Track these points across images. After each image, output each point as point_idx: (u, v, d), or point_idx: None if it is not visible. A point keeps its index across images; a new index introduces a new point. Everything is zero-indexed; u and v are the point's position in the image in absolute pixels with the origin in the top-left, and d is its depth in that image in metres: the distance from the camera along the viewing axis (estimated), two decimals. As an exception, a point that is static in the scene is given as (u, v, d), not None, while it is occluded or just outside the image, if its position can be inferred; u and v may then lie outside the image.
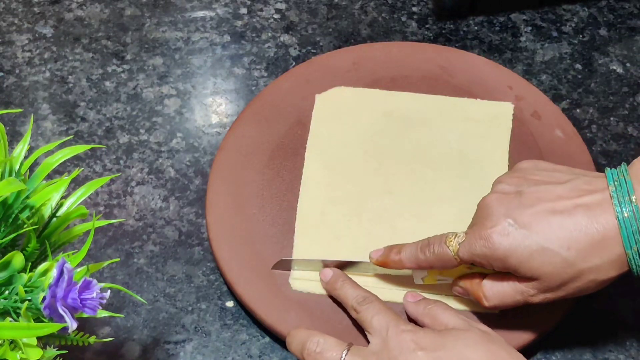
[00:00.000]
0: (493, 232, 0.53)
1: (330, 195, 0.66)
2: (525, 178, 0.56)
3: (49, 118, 0.73)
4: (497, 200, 0.55)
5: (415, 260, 0.58)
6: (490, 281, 0.56)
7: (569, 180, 0.55)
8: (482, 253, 0.54)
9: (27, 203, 0.46)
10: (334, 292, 0.61)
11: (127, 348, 0.61)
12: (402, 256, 0.59)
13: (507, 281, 0.55)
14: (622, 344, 0.61)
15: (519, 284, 0.54)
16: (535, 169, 0.57)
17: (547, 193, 0.54)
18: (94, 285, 0.42)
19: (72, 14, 0.81)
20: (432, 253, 0.57)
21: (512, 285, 0.55)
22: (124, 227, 0.67)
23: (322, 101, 0.72)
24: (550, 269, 0.52)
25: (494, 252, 0.53)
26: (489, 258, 0.54)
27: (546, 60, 0.77)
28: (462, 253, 0.55)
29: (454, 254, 0.55)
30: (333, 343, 0.55)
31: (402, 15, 0.81)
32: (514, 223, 0.53)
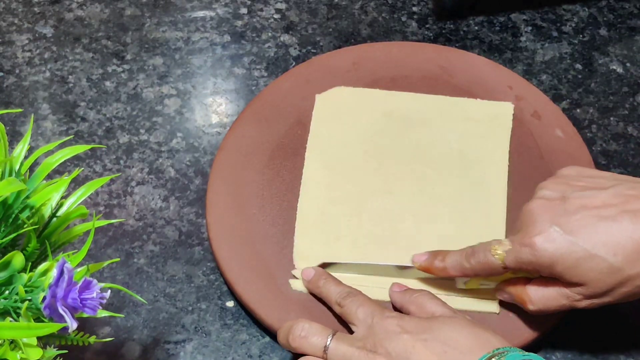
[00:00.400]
0: (539, 240, 0.53)
1: (330, 195, 0.66)
2: (568, 184, 0.56)
3: (49, 118, 0.73)
4: (541, 207, 0.55)
5: (460, 268, 0.58)
6: (536, 286, 0.56)
7: (613, 186, 0.55)
8: (529, 260, 0.54)
9: (27, 203, 0.46)
10: (317, 290, 0.61)
11: (127, 348, 0.61)
12: (446, 264, 0.59)
13: (553, 286, 0.55)
14: (622, 344, 0.61)
15: (565, 289, 0.55)
16: (579, 175, 0.57)
17: (592, 199, 0.54)
18: (94, 285, 0.42)
19: (72, 14, 0.81)
20: (478, 262, 0.57)
21: (558, 290, 0.55)
22: (124, 227, 0.67)
23: (322, 101, 0.72)
24: (597, 275, 0.52)
25: (540, 259, 0.53)
26: (535, 265, 0.54)
27: (546, 60, 0.77)
28: (508, 261, 0.55)
29: (501, 262, 0.55)
30: (318, 328, 0.56)
31: (402, 15, 0.81)
32: (559, 230, 0.53)
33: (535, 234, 0.54)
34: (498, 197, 0.66)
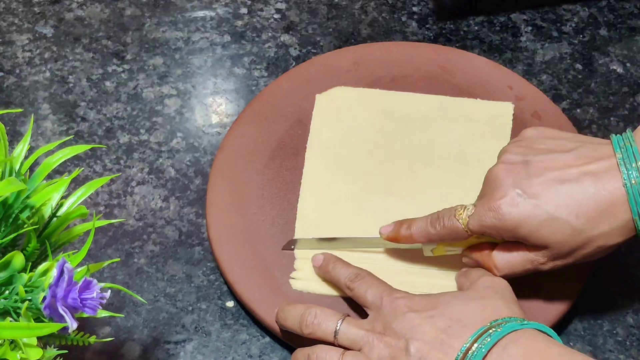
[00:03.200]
0: (502, 203, 0.54)
1: (331, 195, 0.66)
2: (531, 147, 0.57)
3: (49, 118, 0.73)
4: (504, 171, 0.55)
5: (426, 234, 0.58)
6: (501, 252, 0.57)
7: (575, 147, 0.55)
8: (492, 224, 0.54)
9: (28, 203, 0.46)
10: (327, 275, 0.61)
11: (127, 348, 0.61)
12: (412, 230, 0.59)
13: (517, 251, 0.56)
14: (622, 344, 0.61)
15: (529, 253, 0.55)
16: (541, 137, 0.58)
17: (554, 162, 0.54)
18: (94, 285, 0.42)
19: (72, 14, 0.81)
20: (442, 226, 0.57)
21: (522, 255, 0.56)
22: (124, 227, 0.67)
23: (322, 101, 0.72)
24: (560, 237, 0.53)
25: (504, 223, 0.54)
26: (499, 229, 0.55)
27: (546, 60, 0.77)
28: (472, 225, 0.55)
29: (464, 227, 0.56)
30: (330, 314, 0.56)
31: (402, 15, 0.81)
32: (522, 193, 0.54)
33: (499, 198, 0.54)
34: (498, 197, 0.66)
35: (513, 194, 0.54)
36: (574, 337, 0.62)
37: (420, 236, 0.59)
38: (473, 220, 0.55)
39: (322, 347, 0.55)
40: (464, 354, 0.50)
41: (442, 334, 0.51)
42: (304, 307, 0.57)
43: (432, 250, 0.60)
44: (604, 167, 0.53)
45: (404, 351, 0.52)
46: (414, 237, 0.59)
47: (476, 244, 0.59)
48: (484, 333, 0.50)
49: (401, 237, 0.60)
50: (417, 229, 0.59)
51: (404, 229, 0.60)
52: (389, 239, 0.60)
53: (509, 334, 0.50)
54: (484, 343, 0.50)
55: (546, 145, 0.57)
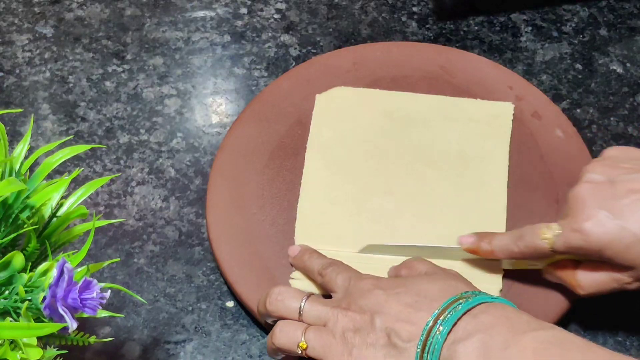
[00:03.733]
0: (588, 225, 0.53)
1: (330, 195, 0.66)
2: (616, 167, 0.56)
3: (49, 118, 0.73)
4: (589, 191, 0.55)
5: (508, 251, 0.58)
6: (585, 271, 0.56)
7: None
8: (579, 246, 0.54)
9: (27, 203, 0.46)
10: (302, 264, 0.61)
11: (127, 348, 0.61)
12: (493, 246, 0.59)
13: (602, 271, 0.55)
14: (622, 344, 0.61)
15: (614, 274, 0.55)
16: (625, 157, 0.57)
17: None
18: (94, 285, 0.42)
19: (72, 14, 0.81)
20: (526, 246, 0.57)
21: (608, 275, 0.55)
22: (124, 227, 0.67)
23: (322, 101, 0.72)
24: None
25: (590, 245, 0.54)
26: (585, 250, 0.54)
27: (546, 60, 0.77)
28: (557, 246, 0.55)
29: (550, 247, 0.56)
30: (294, 291, 0.57)
31: (402, 15, 0.81)
32: (609, 214, 0.53)
33: (585, 219, 0.54)
34: (498, 197, 0.66)
35: (599, 216, 0.53)
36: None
37: (502, 253, 0.59)
38: (558, 241, 0.55)
39: (286, 322, 0.56)
40: (435, 320, 0.50)
41: (409, 308, 0.52)
42: (273, 288, 0.58)
43: (512, 264, 0.60)
44: None
45: (369, 324, 0.53)
46: (494, 253, 0.59)
47: (559, 260, 0.58)
48: (454, 302, 0.51)
49: (482, 251, 0.60)
50: (498, 245, 0.59)
51: (485, 244, 0.59)
52: (469, 251, 0.60)
53: (479, 305, 0.51)
54: (455, 310, 0.50)
55: (631, 165, 0.56)
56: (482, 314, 0.50)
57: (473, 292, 0.52)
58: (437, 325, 0.50)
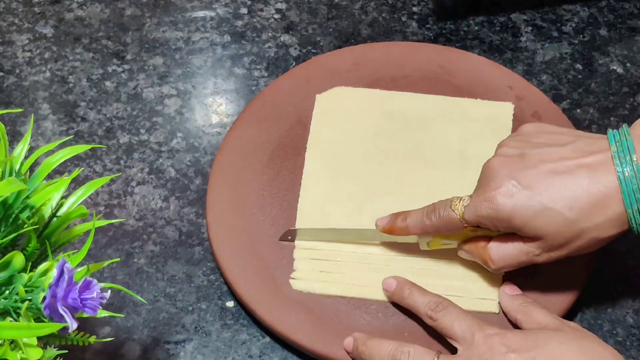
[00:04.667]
0: (497, 194, 0.55)
1: (331, 195, 0.66)
2: (528, 141, 0.57)
3: (49, 118, 0.73)
4: (500, 163, 0.56)
5: (422, 225, 0.59)
6: (496, 243, 0.57)
7: (572, 141, 0.56)
8: (487, 215, 0.55)
9: (28, 203, 0.46)
10: (403, 301, 0.60)
11: (127, 348, 0.61)
12: (408, 222, 0.60)
13: (512, 242, 0.56)
14: (622, 344, 0.61)
15: (523, 245, 0.56)
16: (539, 132, 0.58)
17: (550, 154, 0.55)
18: (94, 285, 0.42)
19: (72, 14, 0.81)
20: (438, 217, 0.58)
21: (517, 246, 0.56)
22: (124, 227, 0.67)
23: (322, 101, 0.72)
24: (554, 228, 0.53)
25: (499, 213, 0.54)
26: (494, 219, 0.55)
27: (546, 60, 0.77)
28: (467, 216, 0.56)
29: (460, 217, 0.56)
30: (422, 352, 0.55)
31: (402, 15, 0.81)
32: (517, 184, 0.54)
33: (494, 189, 0.55)
34: (498, 197, 0.66)
35: (508, 185, 0.54)
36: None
37: (416, 227, 0.59)
38: (469, 211, 0.56)
39: None
40: None
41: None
42: (396, 345, 0.56)
43: (428, 243, 0.61)
44: (599, 160, 0.53)
45: None
46: (409, 229, 0.60)
47: (472, 237, 0.59)
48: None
49: (397, 228, 0.60)
50: (412, 220, 0.60)
51: (400, 221, 0.60)
52: (385, 231, 0.61)
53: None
54: None
55: (543, 140, 0.57)
56: None
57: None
58: None
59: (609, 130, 0.55)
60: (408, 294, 0.59)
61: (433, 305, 0.57)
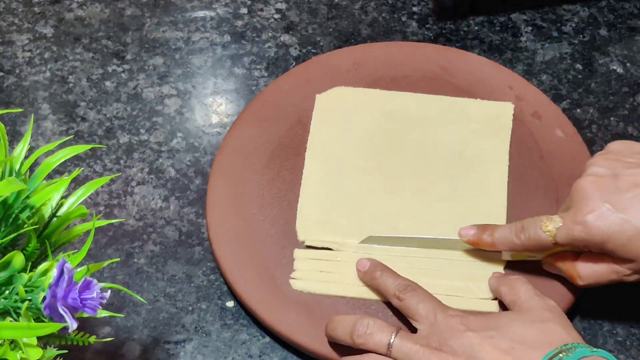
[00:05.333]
0: (591, 218, 0.54)
1: (331, 195, 0.66)
2: (619, 160, 0.56)
3: (49, 118, 0.73)
4: (592, 184, 0.55)
5: (509, 244, 0.58)
6: (585, 262, 0.57)
7: None
8: (581, 238, 0.54)
9: (28, 203, 0.46)
10: (373, 281, 0.60)
11: (127, 348, 0.61)
12: (495, 239, 0.59)
13: (603, 262, 0.56)
14: (622, 344, 0.61)
15: (615, 265, 0.55)
16: (629, 151, 0.58)
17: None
18: (94, 285, 0.42)
19: (72, 14, 0.81)
20: (528, 238, 0.57)
21: (608, 266, 0.56)
22: (124, 227, 0.67)
23: (322, 101, 0.72)
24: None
25: (592, 237, 0.54)
26: (587, 242, 0.55)
27: (546, 60, 0.77)
28: (559, 238, 0.55)
29: (552, 239, 0.56)
30: (382, 325, 0.55)
31: (402, 15, 0.81)
32: (611, 207, 0.54)
33: (588, 212, 0.54)
34: (498, 197, 0.66)
35: (602, 209, 0.54)
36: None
37: (504, 245, 0.59)
38: (561, 234, 0.55)
39: (374, 357, 0.55)
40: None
41: (506, 356, 0.51)
42: (356, 318, 0.56)
43: (512, 254, 0.61)
44: None
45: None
46: (496, 245, 0.59)
47: (559, 252, 0.58)
48: (554, 356, 0.50)
49: (483, 243, 0.60)
50: (500, 237, 0.59)
51: (487, 236, 0.60)
52: (470, 243, 0.61)
53: None
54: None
55: (635, 160, 0.56)
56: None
57: (573, 344, 0.51)
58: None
59: None
60: (379, 275, 0.60)
61: (402, 287, 0.58)
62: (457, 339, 0.52)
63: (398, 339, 0.54)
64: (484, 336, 0.52)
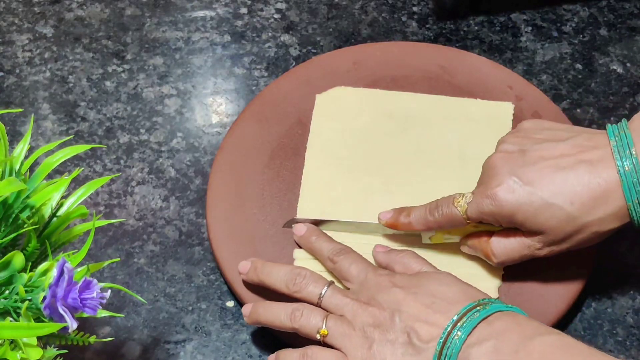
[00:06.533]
0: (499, 190, 0.56)
1: (331, 195, 0.66)
2: (528, 137, 0.58)
3: (49, 118, 0.73)
4: (501, 160, 0.57)
5: (424, 222, 0.60)
6: (498, 238, 0.58)
7: (571, 137, 0.57)
8: (490, 211, 0.56)
9: (28, 203, 0.46)
10: (309, 245, 0.62)
11: (127, 348, 0.61)
12: (411, 218, 0.61)
13: (514, 237, 0.57)
14: (622, 344, 0.61)
15: (525, 239, 0.57)
16: (538, 128, 0.59)
17: (550, 150, 0.56)
18: (94, 285, 0.42)
19: (72, 14, 0.81)
20: (441, 214, 0.59)
21: (519, 241, 0.57)
22: (124, 227, 0.67)
23: (322, 101, 0.72)
24: (555, 223, 0.54)
25: (501, 210, 0.56)
26: (497, 215, 0.56)
27: (546, 60, 0.77)
28: (470, 212, 0.57)
29: (463, 214, 0.57)
30: (317, 277, 0.58)
31: (402, 15, 0.81)
32: (518, 181, 0.55)
33: (496, 186, 0.56)
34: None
35: (510, 182, 0.55)
36: (574, 337, 0.61)
37: (419, 224, 0.60)
38: (471, 208, 0.57)
39: (308, 305, 0.57)
40: (454, 324, 0.51)
41: (428, 309, 0.53)
42: (291, 267, 0.59)
43: (431, 238, 0.62)
44: (598, 155, 0.54)
45: (389, 321, 0.54)
46: (412, 225, 0.61)
47: (474, 232, 0.60)
48: (473, 308, 0.52)
49: (400, 224, 0.61)
50: (416, 217, 0.60)
51: (403, 217, 0.61)
52: (388, 226, 0.62)
53: (495, 313, 0.52)
54: (473, 317, 0.51)
55: (543, 136, 0.58)
56: (496, 320, 0.51)
57: (489, 299, 0.53)
58: (455, 330, 0.51)
59: (607, 126, 0.56)
60: (314, 239, 0.62)
61: (336, 251, 0.60)
62: (384, 294, 0.55)
63: (330, 290, 0.57)
64: (408, 292, 0.55)
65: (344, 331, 0.55)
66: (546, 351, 0.49)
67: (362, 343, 0.54)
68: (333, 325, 0.55)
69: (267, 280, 0.59)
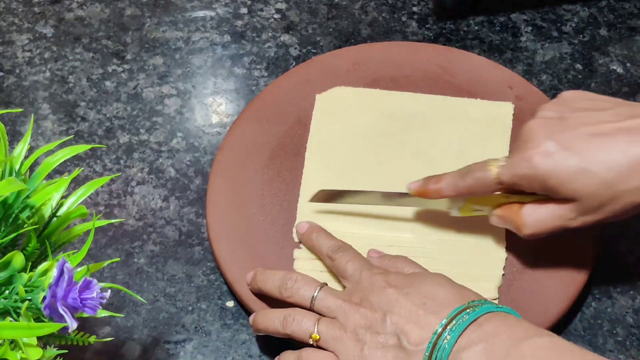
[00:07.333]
0: (535, 153, 0.54)
1: (331, 195, 0.66)
2: (569, 106, 0.57)
3: (49, 118, 0.73)
4: (539, 125, 0.56)
5: (455, 187, 0.59)
6: (530, 207, 0.57)
7: (612, 107, 0.56)
8: (524, 174, 0.55)
9: (28, 203, 0.46)
10: (309, 242, 0.62)
11: (127, 348, 0.61)
12: (441, 184, 0.59)
13: (547, 206, 0.56)
14: (622, 344, 0.61)
15: (558, 207, 0.55)
16: (579, 98, 0.58)
17: (590, 118, 0.55)
18: (94, 285, 0.42)
19: (72, 14, 0.81)
20: (473, 178, 0.58)
21: (552, 210, 0.56)
22: (124, 226, 0.67)
23: (322, 101, 0.72)
24: (590, 190, 0.53)
25: (536, 173, 0.54)
26: (530, 179, 0.55)
27: (546, 60, 0.77)
28: (503, 175, 0.56)
29: (495, 177, 0.56)
30: (309, 280, 0.58)
31: (402, 15, 0.81)
32: (556, 145, 0.54)
33: (532, 148, 0.55)
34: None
35: (547, 145, 0.54)
36: (574, 337, 0.62)
37: (449, 189, 0.59)
38: (504, 170, 0.56)
39: (299, 310, 0.57)
40: (443, 327, 0.51)
41: (419, 310, 0.53)
42: (285, 272, 0.59)
43: (460, 209, 0.60)
44: (638, 124, 0.53)
45: (380, 322, 0.53)
46: (442, 191, 0.59)
47: (504, 203, 0.58)
48: (462, 311, 0.52)
49: (430, 191, 0.60)
50: (446, 182, 0.59)
51: (433, 183, 0.60)
52: (417, 194, 0.61)
53: (485, 314, 0.51)
54: (462, 320, 0.51)
55: (583, 105, 0.57)
56: (486, 322, 0.51)
57: (479, 301, 0.53)
58: (445, 333, 0.51)
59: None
60: (315, 236, 0.62)
61: (334, 248, 0.60)
62: (377, 295, 0.55)
63: (322, 292, 0.57)
64: (401, 292, 0.54)
65: (336, 334, 0.55)
66: (537, 354, 0.49)
67: (353, 346, 0.54)
68: (324, 329, 0.55)
69: (264, 288, 0.60)
